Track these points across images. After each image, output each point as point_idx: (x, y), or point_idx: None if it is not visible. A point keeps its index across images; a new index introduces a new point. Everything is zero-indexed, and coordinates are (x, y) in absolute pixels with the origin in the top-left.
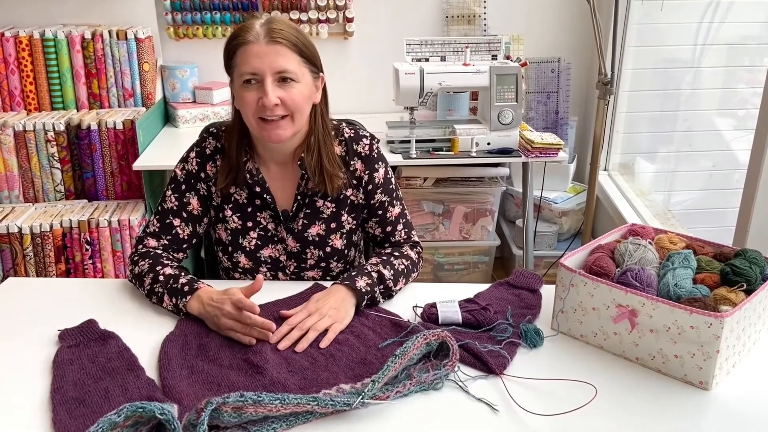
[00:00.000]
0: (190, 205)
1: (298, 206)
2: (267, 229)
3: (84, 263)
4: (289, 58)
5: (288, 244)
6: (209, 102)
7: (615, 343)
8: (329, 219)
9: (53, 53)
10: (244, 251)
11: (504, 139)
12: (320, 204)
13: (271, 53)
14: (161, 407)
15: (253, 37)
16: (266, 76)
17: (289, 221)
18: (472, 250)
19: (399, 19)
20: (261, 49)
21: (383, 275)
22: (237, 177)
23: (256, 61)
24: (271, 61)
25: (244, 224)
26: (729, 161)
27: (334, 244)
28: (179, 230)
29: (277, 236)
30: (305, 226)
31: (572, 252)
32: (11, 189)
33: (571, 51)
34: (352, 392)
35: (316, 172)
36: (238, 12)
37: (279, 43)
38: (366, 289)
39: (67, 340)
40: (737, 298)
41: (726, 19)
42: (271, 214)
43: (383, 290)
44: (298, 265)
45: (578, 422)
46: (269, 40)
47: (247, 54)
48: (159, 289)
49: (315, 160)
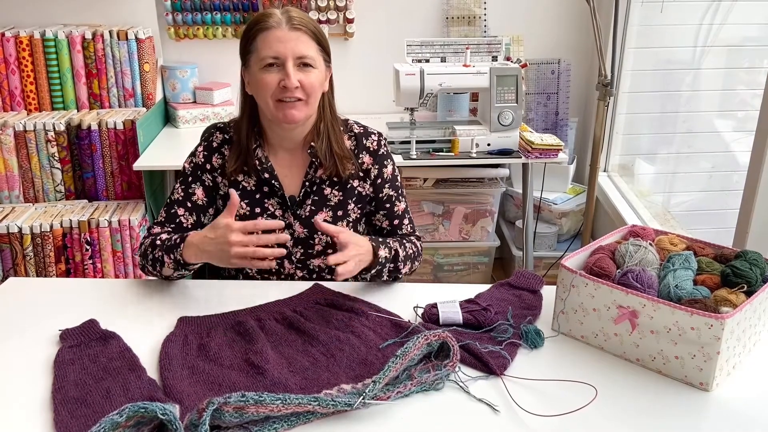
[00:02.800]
0: (195, 195)
1: (306, 193)
2: (274, 215)
3: (84, 263)
4: (309, 45)
5: (295, 230)
6: (209, 102)
7: (616, 344)
8: (336, 207)
9: (54, 53)
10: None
11: (504, 140)
12: (328, 192)
13: (293, 39)
14: (163, 407)
15: (275, 23)
16: (288, 60)
17: (297, 207)
18: (472, 250)
19: (399, 20)
20: (284, 34)
21: (398, 254)
22: (246, 162)
23: (278, 45)
24: (293, 46)
25: (252, 210)
26: (729, 163)
27: None
28: (183, 219)
29: (284, 222)
30: (313, 212)
31: (573, 253)
32: (11, 189)
33: (571, 52)
34: (353, 392)
35: (327, 156)
36: (238, 12)
37: (300, 29)
38: (382, 261)
39: (68, 340)
40: (738, 299)
41: (726, 21)
42: (278, 200)
43: (392, 269)
44: (305, 252)
45: (579, 423)
46: (291, 26)
47: (269, 39)
48: (158, 253)
49: (325, 145)
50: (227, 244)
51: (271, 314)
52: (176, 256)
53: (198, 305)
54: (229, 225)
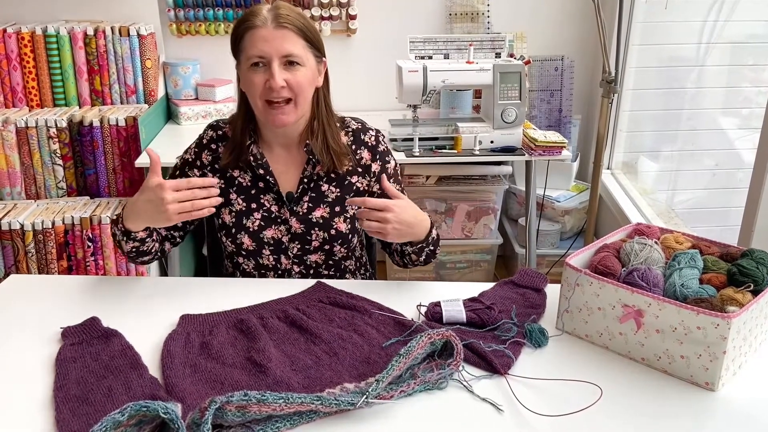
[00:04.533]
0: None
1: (303, 190)
2: (270, 211)
3: (86, 260)
4: (295, 43)
5: (292, 226)
6: (211, 99)
7: (620, 344)
8: (334, 203)
9: (55, 49)
10: (247, 232)
11: (507, 137)
12: (325, 188)
13: (278, 37)
14: (165, 406)
15: (261, 22)
16: (273, 59)
17: (294, 204)
18: (475, 248)
19: (402, 17)
20: (268, 33)
21: (438, 239)
22: (240, 158)
23: (263, 44)
24: (278, 45)
25: (248, 206)
26: (733, 160)
27: (338, 227)
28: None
29: (280, 218)
30: (310, 209)
31: (577, 251)
32: (13, 185)
33: (574, 49)
34: (356, 391)
35: (323, 153)
36: (240, 8)
37: (285, 27)
38: (431, 240)
39: (69, 337)
40: (744, 298)
41: (730, 18)
42: (274, 196)
43: (430, 252)
44: (302, 247)
45: (583, 422)
46: (276, 24)
47: (254, 38)
48: (116, 232)
49: (321, 142)
50: (162, 202)
51: (273, 312)
52: (122, 228)
53: (200, 303)
54: (161, 184)
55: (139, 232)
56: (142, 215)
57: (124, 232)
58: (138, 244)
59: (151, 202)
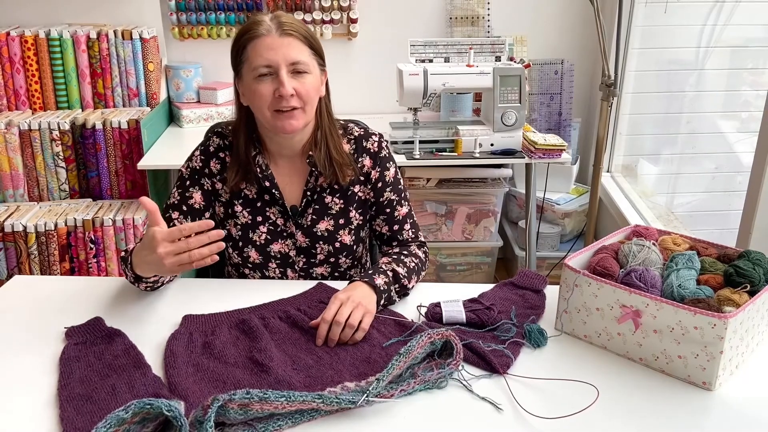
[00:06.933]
0: (192, 198)
1: (307, 202)
2: (276, 224)
3: (88, 262)
4: (301, 50)
5: (297, 239)
6: (213, 102)
7: (619, 344)
8: (338, 215)
9: (58, 53)
10: (254, 246)
11: (507, 140)
12: (329, 200)
13: (284, 45)
14: (168, 404)
15: (265, 30)
16: (281, 68)
17: (298, 217)
18: (475, 250)
19: (403, 20)
20: (274, 41)
21: (398, 273)
22: (247, 173)
23: (270, 53)
24: (285, 53)
25: (254, 219)
26: (732, 163)
27: (343, 239)
28: (176, 222)
29: (286, 231)
30: (314, 221)
31: (576, 252)
32: (16, 188)
33: (574, 53)
34: (357, 390)
35: (326, 165)
36: (242, 12)
37: (291, 35)
38: (384, 288)
39: (73, 337)
40: (741, 299)
41: (730, 22)
42: (279, 209)
43: (398, 289)
44: (308, 261)
45: (581, 422)
46: (281, 32)
47: (260, 47)
48: (126, 272)
49: (324, 153)
50: (159, 257)
51: (275, 313)
52: (132, 272)
53: (203, 303)
54: (154, 236)
55: (150, 276)
56: (148, 266)
57: (136, 277)
58: (151, 284)
59: (151, 255)
